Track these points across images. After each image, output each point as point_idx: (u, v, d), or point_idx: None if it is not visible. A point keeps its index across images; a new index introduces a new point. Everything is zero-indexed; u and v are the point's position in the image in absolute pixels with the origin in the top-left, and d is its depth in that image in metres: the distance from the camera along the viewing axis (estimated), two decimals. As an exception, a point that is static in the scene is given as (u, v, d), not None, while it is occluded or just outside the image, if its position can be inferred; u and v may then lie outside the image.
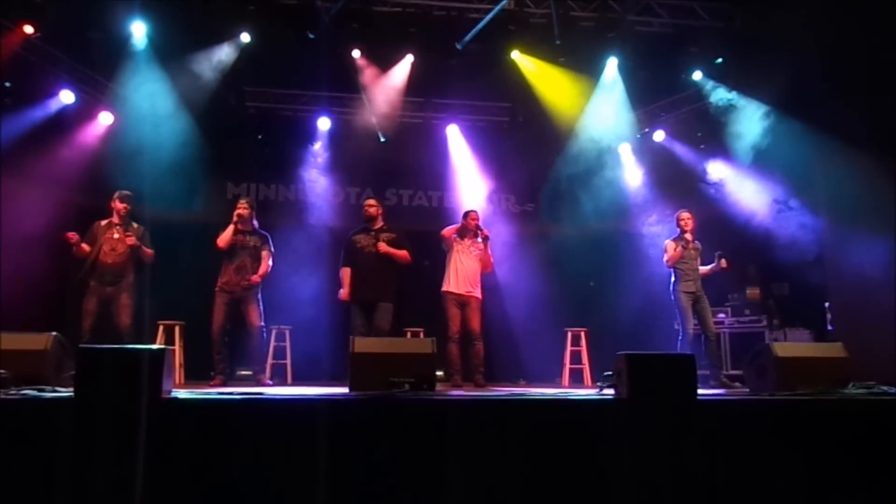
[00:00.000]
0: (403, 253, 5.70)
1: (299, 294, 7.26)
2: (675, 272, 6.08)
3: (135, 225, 5.76)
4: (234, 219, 5.68)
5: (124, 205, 5.70)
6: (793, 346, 4.98)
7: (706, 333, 5.97)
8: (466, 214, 6.08)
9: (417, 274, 6.50)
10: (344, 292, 5.73)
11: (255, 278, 5.66)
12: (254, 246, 5.76)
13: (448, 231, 6.01)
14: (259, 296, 5.77)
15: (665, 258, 6.11)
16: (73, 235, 5.54)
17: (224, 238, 5.66)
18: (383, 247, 5.66)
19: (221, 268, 5.69)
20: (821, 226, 6.62)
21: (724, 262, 6.05)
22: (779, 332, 6.95)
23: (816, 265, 6.63)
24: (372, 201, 5.97)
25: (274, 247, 5.90)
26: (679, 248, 6.04)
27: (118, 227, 5.68)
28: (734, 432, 3.01)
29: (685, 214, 6.21)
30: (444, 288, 5.92)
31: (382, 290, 5.67)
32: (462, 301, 5.88)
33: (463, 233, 6.03)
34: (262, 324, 5.78)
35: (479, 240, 5.99)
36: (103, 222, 5.73)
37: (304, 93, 8.65)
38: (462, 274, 5.91)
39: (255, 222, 5.89)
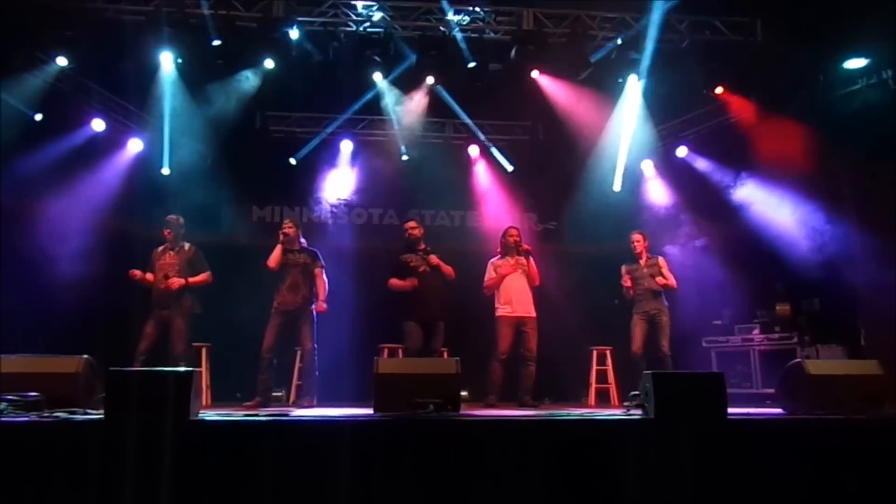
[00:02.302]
0: (451, 269, 5.85)
1: (325, 314, 7.30)
2: None
3: (186, 246, 5.93)
4: (281, 238, 5.76)
5: (168, 230, 5.86)
6: (826, 363, 4.84)
7: (658, 354, 6.05)
8: (506, 231, 6.10)
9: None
10: (410, 282, 5.71)
11: (321, 305, 5.75)
12: (304, 263, 5.81)
13: (489, 284, 6.01)
14: (314, 316, 5.80)
15: (624, 289, 6.27)
16: (135, 273, 5.76)
17: (273, 259, 5.73)
18: (434, 259, 5.78)
19: (275, 289, 5.73)
20: (851, 239, 6.49)
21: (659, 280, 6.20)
22: (811, 349, 6.78)
23: (848, 279, 6.48)
24: (414, 223, 6.03)
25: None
26: (628, 277, 6.24)
27: (171, 252, 5.82)
28: (766, 453, 2.94)
29: (636, 236, 6.35)
30: (499, 313, 5.91)
31: (443, 309, 5.80)
32: (518, 323, 5.85)
33: (505, 251, 6.03)
34: (315, 346, 5.80)
35: (521, 256, 5.96)
36: (159, 248, 5.91)
37: (327, 116, 8.78)
38: (513, 295, 5.89)
39: (303, 240, 5.96)
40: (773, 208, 7.29)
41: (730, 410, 3.16)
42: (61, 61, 6.56)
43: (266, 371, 5.60)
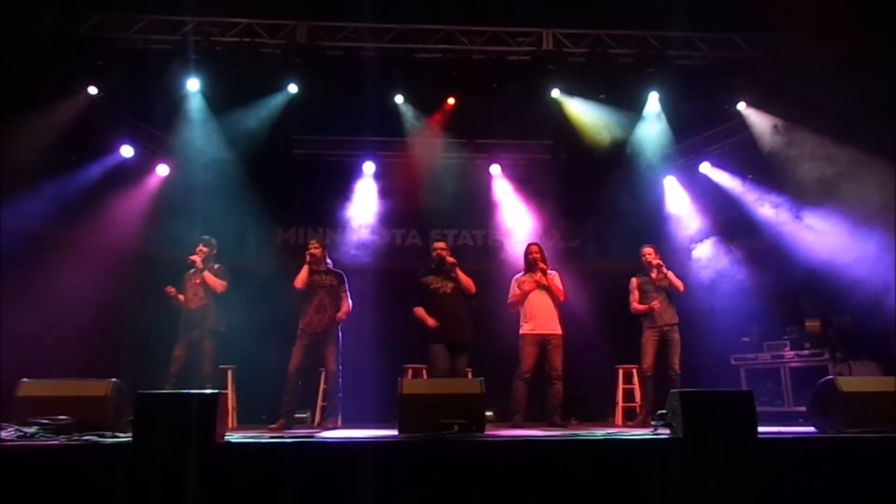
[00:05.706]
0: (470, 281, 5.83)
1: (348, 336, 7.32)
2: None
3: (216, 266, 6.07)
4: (308, 259, 5.75)
5: (200, 247, 6.00)
6: (859, 380, 4.73)
7: (668, 373, 5.90)
8: (527, 249, 6.11)
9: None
10: (432, 322, 5.71)
11: (340, 315, 5.69)
12: (330, 284, 5.79)
13: (512, 300, 6.02)
14: (339, 338, 5.81)
15: (631, 305, 6.19)
16: (170, 290, 5.97)
17: (301, 279, 5.72)
18: (451, 259, 5.77)
19: (301, 310, 5.72)
20: (882, 254, 6.35)
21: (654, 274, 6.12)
22: (843, 366, 6.62)
23: (881, 294, 6.33)
24: (442, 244, 6.00)
25: None
26: (638, 292, 6.17)
27: (199, 272, 5.95)
28: (798, 472, 2.87)
29: (647, 249, 6.26)
30: (522, 331, 5.88)
31: (467, 330, 5.77)
32: (542, 340, 5.80)
33: (527, 268, 6.04)
34: (340, 367, 5.80)
35: (541, 273, 5.93)
36: (191, 271, 6.05)
37: (349, 138, 8.88)
38: (536, 313, 5.85)
39: (329, 261, 5.97)
40: (800, 222, 7.18)
41: (760, 429, 3.10)
42: (92, 90, 6.76)
43: (291, 392, 5.60)
